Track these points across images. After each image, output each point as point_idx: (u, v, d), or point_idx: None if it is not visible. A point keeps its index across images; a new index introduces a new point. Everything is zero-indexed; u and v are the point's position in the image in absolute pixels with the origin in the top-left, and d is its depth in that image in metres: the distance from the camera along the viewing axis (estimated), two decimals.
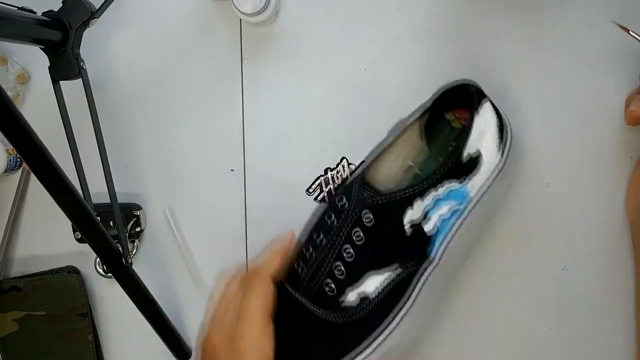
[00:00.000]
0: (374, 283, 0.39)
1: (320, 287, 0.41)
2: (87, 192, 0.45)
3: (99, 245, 0.43)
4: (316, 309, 0.41)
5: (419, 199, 0.39)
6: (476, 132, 0.40)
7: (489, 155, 0.40)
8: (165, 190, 0.53)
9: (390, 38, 0.50)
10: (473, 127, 0.40)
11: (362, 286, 0.39)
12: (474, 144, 0.40)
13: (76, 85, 0.46)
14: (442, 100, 0.44)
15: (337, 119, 0.51)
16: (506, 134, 0.41)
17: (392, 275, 0.39)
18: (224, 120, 0.52)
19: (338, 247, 0.40)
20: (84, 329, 0.53)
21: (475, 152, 0.40)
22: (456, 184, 0.40)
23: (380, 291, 0.39)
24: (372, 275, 0.39)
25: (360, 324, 0.40)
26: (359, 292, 0.39)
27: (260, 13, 0.47)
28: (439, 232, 0.40)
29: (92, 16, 0.45)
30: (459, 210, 0.40)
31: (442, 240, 0.40)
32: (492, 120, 0.41)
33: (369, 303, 0.39)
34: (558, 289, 0.50)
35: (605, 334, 0.49)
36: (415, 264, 0.40)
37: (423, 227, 0.40)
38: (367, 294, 0.39)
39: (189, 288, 0.53)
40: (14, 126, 0.35)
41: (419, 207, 0.40)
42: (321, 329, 0.41)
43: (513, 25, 0.49)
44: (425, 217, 0.40)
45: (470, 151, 0.40)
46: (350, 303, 0.39)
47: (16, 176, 0.54)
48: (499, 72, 0.49)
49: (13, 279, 0.54)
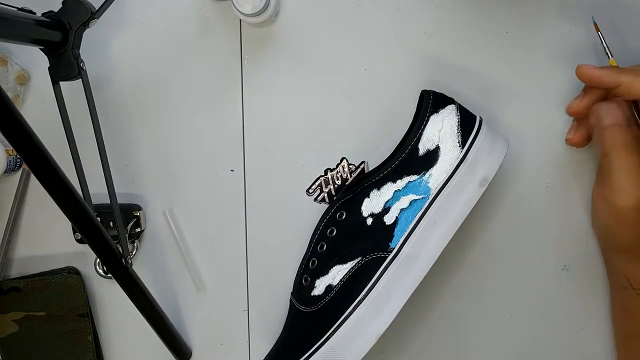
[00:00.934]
0: (338, 273, 0.42)
1: (299, 281, 0.45)
2: (87, 193, 0.45)
3: (99, 246, 0.43)
4: (296, 302, 0.45)
5: (375, 190, 0.43)
6: (432, 129, 0.43)
7: (447, 148, 0.43)
8: (165, 191, 0.53)
9: (390, 38, 0.50)
10: (427, 124, 0.43)
11: (328, 276, 0.43)
12: (431, 140, 0.43)
13: (76, 86, 0.46)
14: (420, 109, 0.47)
15: (337, 119, 0.51)
16: (471, 130, 0.43)
17: (354, 264, 0.42)
18: (224, 120, 0.52)
19: (315, 244, 0.45)
20: (84, 329, 0.53)
21: (433, 147, 0.43)
22: (415, 176, 0.42)
23: (341, 280, 0.42)
24: (337, 265, 0.43)
25: (324, 312, 0.42)
26: (325, 282, 0.43)
27: (260, 13, 0.47)
28: (398, 223, 0.42)
29: (92, 17, 0.45)
30: (418, 201, 0.42)
31: (403, 231, 0.42)
32: (451, 118, 0.43)
33: (332, 291, 0.42)
34: (558, 289, 0.50)
35: (606, 333, 0.49)
36: (375, 254, 0.42)
37: (383, 219, 0.42)
38: (332, 284, 0.42)
39: (189, 288, 0.53)
40: (14, 127, 0.35)
41: (377, 199, 0.42)
42: (300, 319, 0.44)
43: (513, 26, 0.49)
44: (386, 210, 0.42)
45: (427, 146, 0.43)
46: (319, 292, 0.43)
47: (16, 176, 0.54)
48: (498, 72, 0.49)
49: (13, 280, 0.54)
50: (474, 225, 0.49)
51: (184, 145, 0.53)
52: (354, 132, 0.51)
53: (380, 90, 0.50)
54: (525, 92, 0.49)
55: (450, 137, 0.43)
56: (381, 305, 0.41)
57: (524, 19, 0.49)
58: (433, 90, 0.45)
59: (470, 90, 0.49)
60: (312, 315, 0.43)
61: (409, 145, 0.43)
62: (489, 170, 0.43)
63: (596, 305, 0.49)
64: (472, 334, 0.51)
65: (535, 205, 0.49)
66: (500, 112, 0.49)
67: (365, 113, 0.51)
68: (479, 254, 0.50)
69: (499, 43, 0.49)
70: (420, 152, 0.43)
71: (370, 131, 0.50)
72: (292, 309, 0.46)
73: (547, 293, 0.50)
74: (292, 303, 0.46)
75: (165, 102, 0.53)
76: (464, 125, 0.43)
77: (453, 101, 0.45)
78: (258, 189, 0.52)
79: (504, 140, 0.45)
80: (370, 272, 0.42)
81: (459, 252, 0.50)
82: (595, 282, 0.49)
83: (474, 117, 0.44)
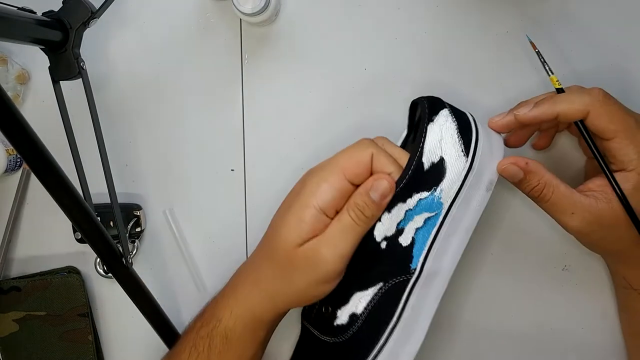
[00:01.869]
0: (361, 301, 0.40)
1: (318, 310, 0.43)
2: (87, 192, 0.45)
3: (99, 246, 0.43)
4: (317, 332, 0.42)
5: (386, 213, 0.40)
6: (433, 140, 0.41)
7: (452, 159, 0.41)
8: (165, 190, 0.53)
9: (390, 38, 0.50)
10: (427, 136, 0.41)
11: (350, 305, 0.40)
12: (434, 152, 0.41)
13: (76, 85, 0.46)
14: (413, 120, 0.46)
15: (337, 119, 0.51)
16: (470, 135, 0.42)
17: (376, 291, 0.40)
18: (224, 120, 0.52)
19: None
20: (84, 329, 0.53)
21: (437, 160, 0.41)
22: (425, 193, 0.40)
23: (366, 308, 0.40)
24: (358, 293, 0.40)
25: (352, 342, 0.40)
26: (348, 311, 0.40)
27: (260, 13, 0.47)
28: (415, 243, 0.40)
29: (92, 16, 0.45)
30: (433, 218, 0.40)
31: (421, 250, 0.40)
32: (449, 125, 0.41)
33: (357, 320, 0.40)
34: (558, 289, 0.50)
35: (606, 333, 0.49)
36: (398, 278, 0.40)
37: (399, 241, 0.40)
38: (356, 312, 0.40)
39: (189, 288, 0.53)
40: (14, 126, 0.35)
41: (389, 221, 0.40)
42: (322, 351, 0.42)
43: (513, 25, 0.49)
44: (400, 231, 0.40)
45: (432, 159, 0.41)
46: (342, 322, 0.40)
47: (16, 176, 0.54)
48: (498, 71, 0.49)
49: (13, 279, 0.54)
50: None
51: (184, 144, 0.53)
52: (354, 132, 0.51)
53: (381, 90, 0.50)
54: (526, 91, 0.49)
55: (452, 147, 0.41)
56: (412, 326, 0.40)
57: (524, 18, 0.49)
58: (424, 97, 0.44)
59: (471, 89, 0.49)
60: (340, 346, 0.41)
61: (413, 161, 0.41)
62: (494, 172, 0.42)
63: (596, 305, 0.49)
64: (472, 333, 0.51)
65: (535, 205, 0.49)
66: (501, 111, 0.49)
67: (365, 113, 0.51)
68: (479, 254, 0.50)
69: (499, 42, 0.49)
70: (426, 167, 0.41)
71: (371, 131, 0.50)
72: (310, 338, 0.43)
73: (547, 293, 0.50)
74: (308, 331, 0.43)
75: (165, 102, 0.53)
76: (462, 131, 0.42)
77: (443, 104, 0.43)
78: (258, 189, 0.52)
79: (498, 137, 0.44)
80: (397, 297, 0.40)
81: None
82: (595, 282, 0.49)
83: (466, 117, 0.43)
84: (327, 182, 0.40)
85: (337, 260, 0.39)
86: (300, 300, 0.41)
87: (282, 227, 0.40)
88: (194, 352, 0.42)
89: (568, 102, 0.41)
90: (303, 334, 0.45)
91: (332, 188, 0.40)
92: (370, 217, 0.39)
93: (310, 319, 0.43)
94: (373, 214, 0.39)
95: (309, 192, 0.40)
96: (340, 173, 0.40)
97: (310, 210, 0.39)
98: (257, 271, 0.43)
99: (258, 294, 0.42)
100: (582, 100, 0.40)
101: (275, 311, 0.42)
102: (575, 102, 0.40)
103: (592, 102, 0.40)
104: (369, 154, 0.40)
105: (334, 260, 0.39)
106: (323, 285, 0.40)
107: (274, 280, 0.41)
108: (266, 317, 0.42)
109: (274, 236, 0.41)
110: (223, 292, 0.44)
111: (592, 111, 0.40)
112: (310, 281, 0.39)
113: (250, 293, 0.42)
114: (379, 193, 0.39)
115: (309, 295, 0.40)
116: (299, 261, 0.39)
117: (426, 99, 0.43)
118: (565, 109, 0.41)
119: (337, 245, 0.39)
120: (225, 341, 0.42)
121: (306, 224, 0.39)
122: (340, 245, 0.39)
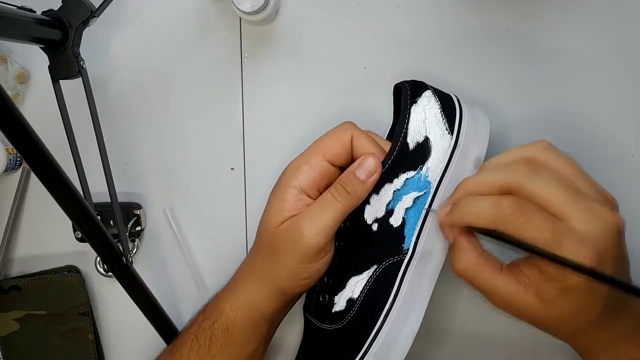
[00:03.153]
0: (357, 285, 0.41)
1: (316, 300, 0.43)
2: (88, 192, 0.45)
3: (100, 245, 0.43)
4: (316, 322, 0.43)
5: (374, 194, 0.41)
6: (417, 120, 0.42)
7: (437, 138, 0.41)
8: (165, 190, 0.53)
9: (390, 37, 0.50)
10: (411, 117, 0.42)
11: (346, 290, 0.41)
12: (418, 132, 0.41)
13: (76, 85, 0.46)
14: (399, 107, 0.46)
15: (336, 118, 0.51)
16: (454, 114, 0.42)
17: (371, 273, 0.41)
18: (224, 120, 0.52)
19: None
20: (85, 328, 0.53)
21: (422, 139, 0.41)
22: (412, 172, 0.41)
23: (362, 291, 0.40)
24: (354, 278, 0.41)
25: (351, 326, 0.41)
26: (345, 296, 0.41)
27: (260, 12, 0.47)
28: (406, 223, 0.41)
29: (91, 15, 0.45)
30: (422, 197, 0.41)
31: (413, 230, 0.41)
32: (432, 105, 0.42)
33: (354, 305, 0.40)
34: None
35: None
36: (391, 259, 0.41)
37: (390, 222, 0.41)
38: (353, 297, 0.40)
39: (190, 287, 0.53)
40: (14, 125, 0.35)
41: (377, 203, 0.41)
42: (323, 339, 0.42)
43: (513, 24, 0.49)
44: (390, 212, 0.41)
45: (417, 139, 0.41)
46: (340, 308, 0.41)
47: (16, 176, 0.54)
48: (498, 71, 0.49)
49: (13, 279, 0.54)
50: None
51: (184, 143, 0.53)
52: None
53: (381, 89, 0.50)
54: (527, 91, 0.49)
55: (436, 126, 0.42)
56: (409, 306, 0.41)
57: (524, 17, 0.49)
58: (406, 81, 0.44)
59: (471, 88, 0.49)
60: (339, 332, 0.41)
61: (398, 142, 0.41)
62: (480, 149, 0.42)
63: None
64: (472, 333, 0.51)
65: None
66: (502, 110, 0.49)
67: (366, 112, 0.51)
68: None
69: (499, 41, 0.49)
70: (411, 147, 0.41)
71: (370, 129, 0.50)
72: (311, 327, 0.44)
73: None
74: (310, 322, 0.44)
75: (165, 101, 0.53)
76: (445, 110, 0.42)
77: (426, 86, 0.44)
78: (258, 188, 0.52)
79: (483, 115, 0.44)
80: (391, 278, 0.40)
81: None
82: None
83: (450, 98, 0.43)
84: (307, 163, 0.41)
85: (317, 234, 0.39)
86: (292, 284, 0.41)
87: (266, 211, 0.42)
88: (195, 345, 0.42)
89: (475, 215, 0.37)
90: (306, 326, 0.45)
91: (312, 169, 0.41)
92: (353, 192, 0.40)
93: (310, 310, 0.44)
94: (356, 191, 0.40)
95: (289, 174, 0.41)
96: (320, 154, 0.41)
97: (290, 190, 0.40)
98: (251, 261, 0.44)
99: (254, 283, 0.42)
100: (489, 211, 0.36)
101: (273, 300, 0.42)
102: (482, 214, 0.36)
103: (498, 212, 0.35)
104: (348, 136, 0.41)
105: (313, 234, 0.39)
106: (309, 263, 0.40)
107: (262, 264, 0.42)
108: (265, 307, 0.42)
109: (260, 222, 0.42)
110: (225, 286, 0.45)
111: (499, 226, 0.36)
112: (295, 258, 0.39)
113: (247, 284, 0.43)
114: (365, 170, 0.40)
115: (298, 276, 0.40)
116: (281, 239, 0.40)
117: (408, 83, 0.44)
118: (472, 221, 0.37)
119: (316, 219, 0.39)
120: (226, 334, 0.42)
121: (287, 203, 0.40)
122: (319, 218, 0.39)
